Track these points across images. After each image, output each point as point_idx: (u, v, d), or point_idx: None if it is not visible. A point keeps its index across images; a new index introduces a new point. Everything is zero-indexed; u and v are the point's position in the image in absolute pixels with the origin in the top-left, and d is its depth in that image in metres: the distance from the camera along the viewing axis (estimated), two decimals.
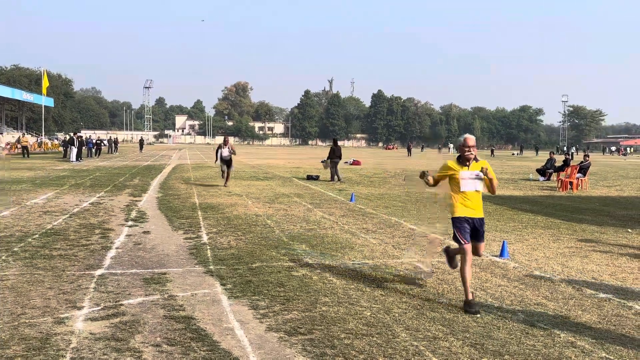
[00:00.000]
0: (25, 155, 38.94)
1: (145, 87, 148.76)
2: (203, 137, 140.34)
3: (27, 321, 4.75)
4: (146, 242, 8.43)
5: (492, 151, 71.87)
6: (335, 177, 20.78)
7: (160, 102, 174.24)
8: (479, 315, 5.18)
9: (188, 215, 11.28)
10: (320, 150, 78.79)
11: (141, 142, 60.83)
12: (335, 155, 20.96)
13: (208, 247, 8.04)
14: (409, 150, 62.21)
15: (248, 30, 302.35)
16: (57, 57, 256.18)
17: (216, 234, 9.13)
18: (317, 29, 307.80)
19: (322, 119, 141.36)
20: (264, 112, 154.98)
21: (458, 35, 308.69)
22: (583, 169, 20.22)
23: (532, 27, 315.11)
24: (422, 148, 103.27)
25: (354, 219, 11.25)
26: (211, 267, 6.86)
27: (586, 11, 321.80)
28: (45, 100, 57.73)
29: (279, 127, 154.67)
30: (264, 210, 12.16)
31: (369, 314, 5.18)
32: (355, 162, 35.81)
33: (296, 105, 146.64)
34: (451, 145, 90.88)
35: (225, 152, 17.52)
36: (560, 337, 4.68)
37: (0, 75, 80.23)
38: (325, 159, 22.00)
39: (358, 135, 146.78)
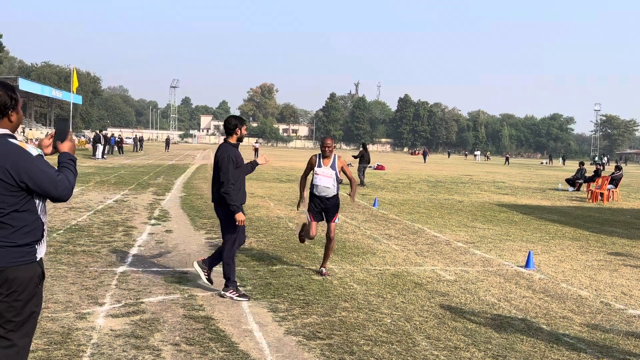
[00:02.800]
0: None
1: (172, 87, 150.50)
2: None
3: (49, 315, 4.80)
4: (168, 240, 8.49)
5: (506, 159, 69.36)
6: (361, 181, 20.92)
7: (186, 101, 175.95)
8: (502, 327, 5.07)
9: (210, 215, 11.32)
10: (344, 154, 78.62)
11: (167, 141, 61.49)
12: (364, 159, 21.15)
13: None
14: (424, 156, 61.46)
15: (275, 31, 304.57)
16: (86, 55, 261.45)
17: None
18: (344, 31, 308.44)
19: (347, 123, 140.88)
20: (289, 114, 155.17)
21: (487, 40, 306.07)
22: (615, 180, 19.75)
23: (564, 33, 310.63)
24: (449, 154, 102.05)
25: (376, 224, 11.17)
26: None
27: (619, 18, 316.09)
28: (73, 98, 58.71)
29: (303, 130, 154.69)
30: (286, 213, 12.15)
31: (389, 321, 5.11)
32: (379, 167, 35.60)
33: (321, 108, 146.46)
34: (477, 152, 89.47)
35: (324, 177, 6.61)
36: (586, 353, 4.55)
37: (30, 72, 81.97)
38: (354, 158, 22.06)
39: (383, 140, 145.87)
